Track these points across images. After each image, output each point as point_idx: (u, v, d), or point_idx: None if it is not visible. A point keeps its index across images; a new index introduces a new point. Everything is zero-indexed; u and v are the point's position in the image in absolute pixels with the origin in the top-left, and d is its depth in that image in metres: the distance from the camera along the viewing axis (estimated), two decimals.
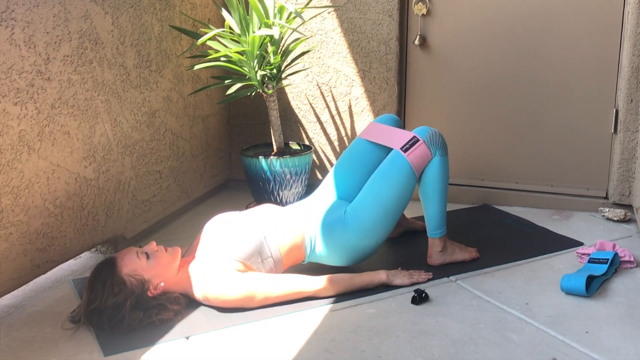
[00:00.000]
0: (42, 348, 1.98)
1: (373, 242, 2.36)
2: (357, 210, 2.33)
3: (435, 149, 2.36)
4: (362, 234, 2.32)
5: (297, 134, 3.44)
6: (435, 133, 2.38)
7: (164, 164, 2.99)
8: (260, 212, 2.38)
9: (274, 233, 2.27)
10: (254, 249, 2.20)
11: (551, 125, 3.13)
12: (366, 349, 1.94)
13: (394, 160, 2.36)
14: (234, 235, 2.22)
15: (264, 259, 2.22)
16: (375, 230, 2.33)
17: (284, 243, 2.28)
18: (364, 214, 2.32)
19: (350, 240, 2.32)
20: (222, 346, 1.97)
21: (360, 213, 2.32)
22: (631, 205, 2.97)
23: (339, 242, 2.33)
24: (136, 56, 2.73)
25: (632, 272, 2.42)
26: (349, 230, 2.32)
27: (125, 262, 2.07)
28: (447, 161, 2.40)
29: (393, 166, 2.35)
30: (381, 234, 2.36)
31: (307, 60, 3.33)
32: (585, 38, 3.00)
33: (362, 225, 2.32)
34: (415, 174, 2.35)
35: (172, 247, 2.20)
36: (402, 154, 2.34)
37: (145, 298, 2.07)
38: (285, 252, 2.28)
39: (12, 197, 2.17)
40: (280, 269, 2.29)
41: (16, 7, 2.12)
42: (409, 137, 2.38)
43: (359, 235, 2.32)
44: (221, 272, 2.13)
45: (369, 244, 2.35)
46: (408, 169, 2.33)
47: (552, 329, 2.03)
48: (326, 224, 2.35)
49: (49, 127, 2.30)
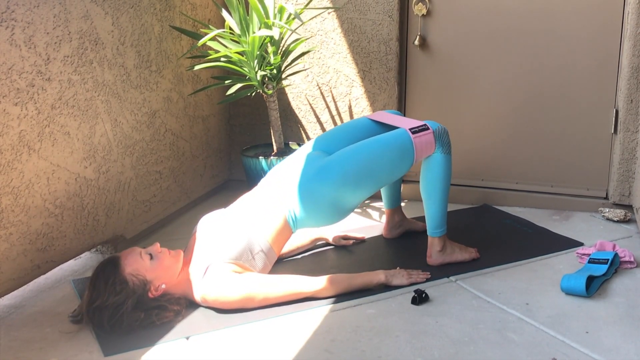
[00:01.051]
0: (42, 348, 1.98)
1: (351, 197, 2.32)
2: (342, 162, 2.31)
3: (439, 144, 2.37)
4: (342, 184, 2.29)
5: (297, 134, 3.44)
6: (444, 130, 2.40)
7: (164, 164, 2.99)
8: (241, 207, 2.37)
9: (257, 227, 2.27)
10: (244, 248, 2.21)
11: (551, 125, 3.13)
12: (366, 349, 1.94)
13: (399, 135, 2.36)
14: (222, 238, 2.23)
15: (255, 254, 2.23)
16: (356, 186, 2.30)
17: (269, 232, 2.28)
18: (349, 165, 2.30)
19: (328, 193, 2.29)
20: (222, 346, 1.97)
21: (344, 165, 2.30)
22: (631, 205, 2.97)
23: (316, 196, 2.30)
24: (136, 56, 2.73)
25: (632, 272, 2.42)
26: (325, 180, 2.29)
27: (129, 262, 2.07)
28: (450, 160, 2.40)
29: (397, 139, 2.35)
30: (359, 193, 2.33)
31: (307, 60, 3.33)
32: (585, 38, 3.00)
33: (343, 177, 2.28)
34: (414, 157, 2.35)
35: (175, 250, 2.21)
36: (409, 133, 2.35)
37: (146, 299, 2.07)
38: (273, 239, 2.28)
39: (12, 197, 2.17)
40: (274, 255, 2.30)
41: (16, 7, 2.12)
42: (421, 123, 2.40)
43: (337, 185, 2.28)
44: (219, 275, 2.13)
45: (347, 199, 2.32)
46: (409, 148, 2.33)
47: (552, 329, 2.03)
48: (304, 179, 2.32)
49: (49, 128, 2.30)
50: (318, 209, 2.32)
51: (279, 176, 2.42)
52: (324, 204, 2.31)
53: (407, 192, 3.29)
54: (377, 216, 3.09)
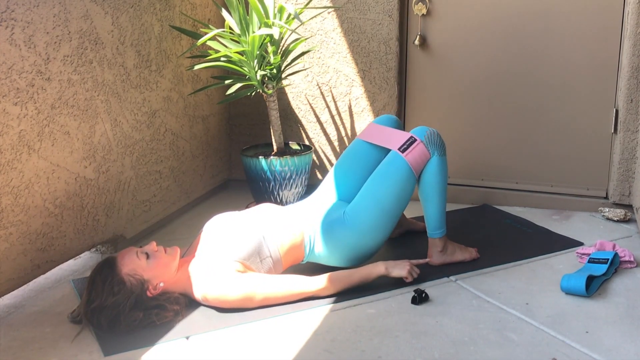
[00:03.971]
0: (42, 348, 1.98)
1: (372, 242, 2.35)
2: (356, 211, 2.33)
3: (433, 149, 2.36)
4: (361, 234, 2.32)
5: (297, 134, 3.44)
6: (433, 133, 2.39)
7: (164, 164, 2.99)
8: (259, 212, 2.38)
9: (272, 233, 2.27)
10: (253, 249, 2.20)
11: (551, 125, 3.13)
12: (366, 349, 1.94)
13: (392, 161, 2.36)
14: (233, 236, 2.22)
15: (263, 259, 2.22)
16: (375, 231, 2.34)
17: (283, 243, 2.28)
18: (363, 214, 2.32)
19: (350, 240, 2.32)
20: (222, 346, 1.97)
21: (359, 214, 2.33)
22: (631, 205, 2.97)
23: (338, 242, 2.33)
24: (136, 56, 2.73)
25: (632, 272, 2.42)
26: (348, 230, 2.32)
27: (125, 262, 2.07)
28: (445, 161, 2.40)
29: (391, 167, 2.35)
30: (381, 235, 2.36)
31: (307, 60, 3.33)
32: (585, 38, 3.00)
33: (361, 225, 2.32)
34: (414, 174, 2.35)
35: (171, 247, 2.20)
36: (400, 154, 2.34)
37: (144, 298, 2.07)
38: (284, 252, 2.28)
39: (12, 197, 2.17)
40: (280, 268, 2.29)
41: (16, 7, 2.12)
42: (406, 138, 2.38)
43: (358, 235, 2.32)
44: (221, 272, 2.13)
45: (368, 244, 2.35)
46: (406, 170, 2.33)
47: (552, 329, 2.03)
48: (326, 224, 2.35)
49: (49, 127, 2.30)
50: (340, 250, 2.34)
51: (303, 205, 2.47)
52: (347, 248, 2.34)
53: None
54: None
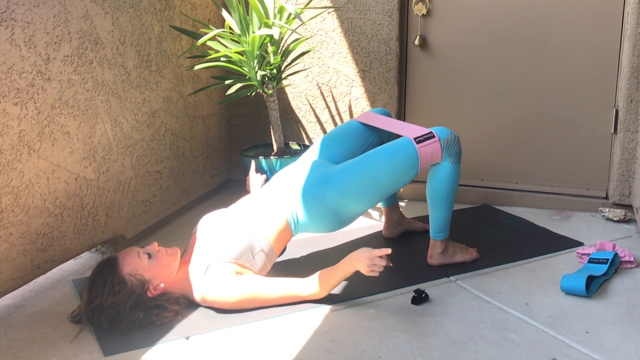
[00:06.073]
0: (42, 348, 1.98)
1: (351, 208, 2.33)
2: (345, 173, 2.31)
3: (447, 154, 2.35)
4: (343, 196, 2.29)
5: (297, 134, 3.44)
6: (454, 138, 2.36)
7: (164, 164, 2.99)
8: (242, 207, 2.37)
9: (259, 228, 2.27)
10: (245, 248, 2.21)
11: (551, 125, 3.13)
12: (366, 349, 1.94)
13: (403, 145, 2.34)
14: (223, 238, 2.23)
15: (255, 254, 2.22)
16: (356, 198, 2.31)
17: (271, 233, 2.28)
18: (351, 177, 2.30)
19: (328, 200, 2.29)
20: (222, 346, 1.97)
21: (346, 175, 2.30)
22: (631, 205, 2.97)
23: (318, 202, 2.30)
24: (136, 56, 2.73)
25: (632, 272, 2.42)
26: (328, 187, 2.29)
27: (127, 262, 2.07)
28: (459, 169, 2.38)
29: (400, 150, 2.33)
30: (360, 205, 2.34)
31: (307, 60, 3.33)
32: (585, 38, 3.00)
33: (346, 187, 2.29)
34: (419, 167, 2.34)
35: (172, 248, 2.20)
36: (413, 143, 2.33)
37: (145, 298, 2.07)
38: (274, 240, 2.28)
39: (12, 197, 2.17)
40: (274, 255, 2.30)
41: (16, 7, 2.12)
42: (426, 132, 2.37)
43: (339, 196, 2.29)
44: (219, 275, 2.13)
45: (348, 209, 2.32)
46: (414, 158, 2.32)
47: (552, 329, 2.03)
48: (308, 183, 2.33)
49: (49, 127, 2.30)
50: (319, 214, 2.32)
51: (282, 180, 2.43)
52: (325, 211, 2.31)
53: (408, 192, 3.29)
54: (377, 216, 3.09)
